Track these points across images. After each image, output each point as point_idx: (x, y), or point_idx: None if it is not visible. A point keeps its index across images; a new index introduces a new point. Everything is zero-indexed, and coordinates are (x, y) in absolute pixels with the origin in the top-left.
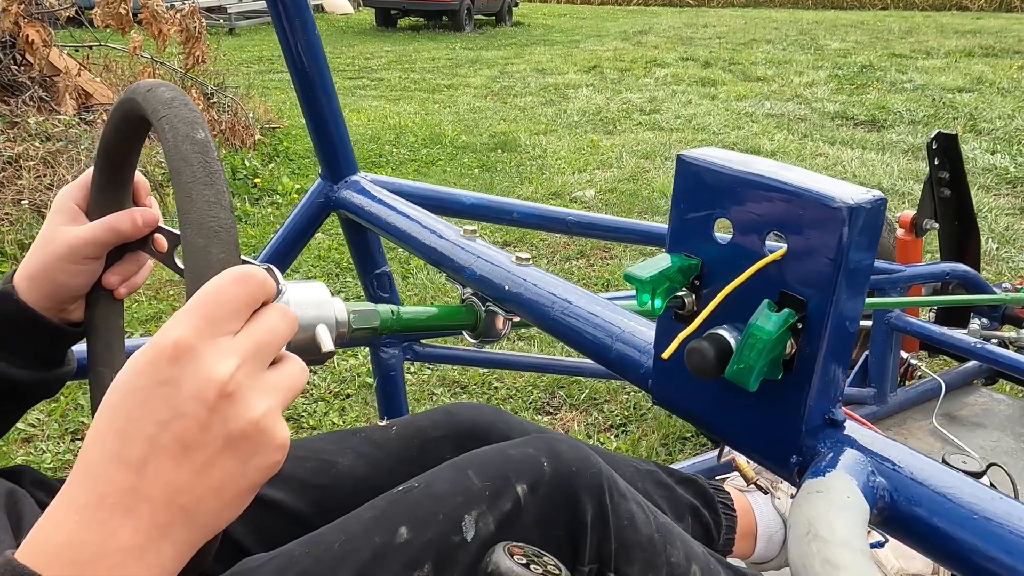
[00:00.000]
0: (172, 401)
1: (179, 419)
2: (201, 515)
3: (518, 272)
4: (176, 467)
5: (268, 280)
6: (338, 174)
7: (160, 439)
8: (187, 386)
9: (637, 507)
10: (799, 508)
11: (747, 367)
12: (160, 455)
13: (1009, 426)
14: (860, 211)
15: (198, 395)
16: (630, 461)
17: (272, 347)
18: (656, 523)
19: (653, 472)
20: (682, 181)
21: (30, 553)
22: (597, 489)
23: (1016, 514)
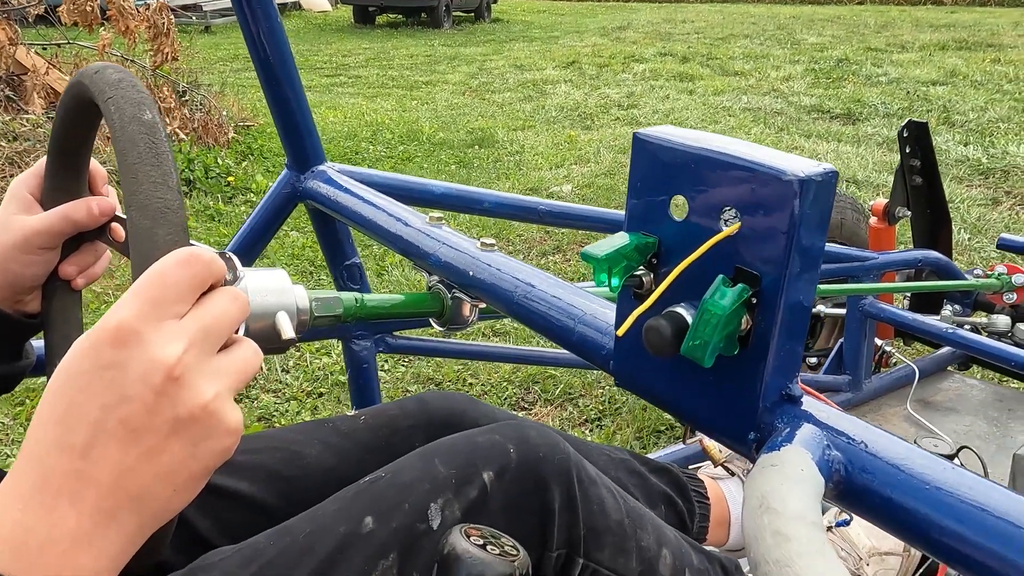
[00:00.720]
0: (117, 385)
1: (125, 403)
2: (150, 500)
3: (483, 258)
4: (123, 451)
5: (216, 262)
6: (304, 164)
7: (105, 423)
8: (132, 369)
9: (607, 492)
10: (753, 481)
11: (702, 343)
12: (106, 439)
13: (982, 410)
14: (811, 184)
15: (144, 378)
16: (603, 449)
17: (221, 330)
18: (626, 508)
19: (626, 461)
20: (638, 160)
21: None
22: (565, 475)
23: (966, 483)
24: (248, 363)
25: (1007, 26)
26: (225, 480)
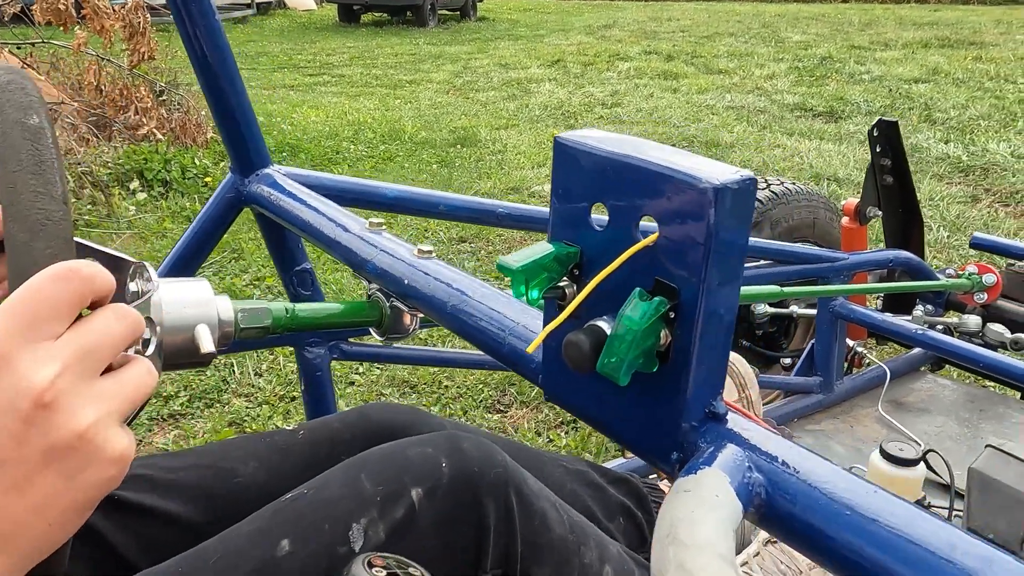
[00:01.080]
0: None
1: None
2: (21, 538)
3: (418, 265)
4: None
5: (98, 277)
6: (248, 167)
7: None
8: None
9: (550, 506)
10: (665, 508)
11: (618, 360)
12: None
13: (954, 411)
14: (726, 192)
15: (10, 406)
16: (560, 460)
17: (103, 351)
18: (570, 522)
19: (583, 472)
20: (559, 165)
21: None
22: (501, 489)
23: (891, 509)
24: (139, 385)
25: (989, 24)
26: (153, 500)
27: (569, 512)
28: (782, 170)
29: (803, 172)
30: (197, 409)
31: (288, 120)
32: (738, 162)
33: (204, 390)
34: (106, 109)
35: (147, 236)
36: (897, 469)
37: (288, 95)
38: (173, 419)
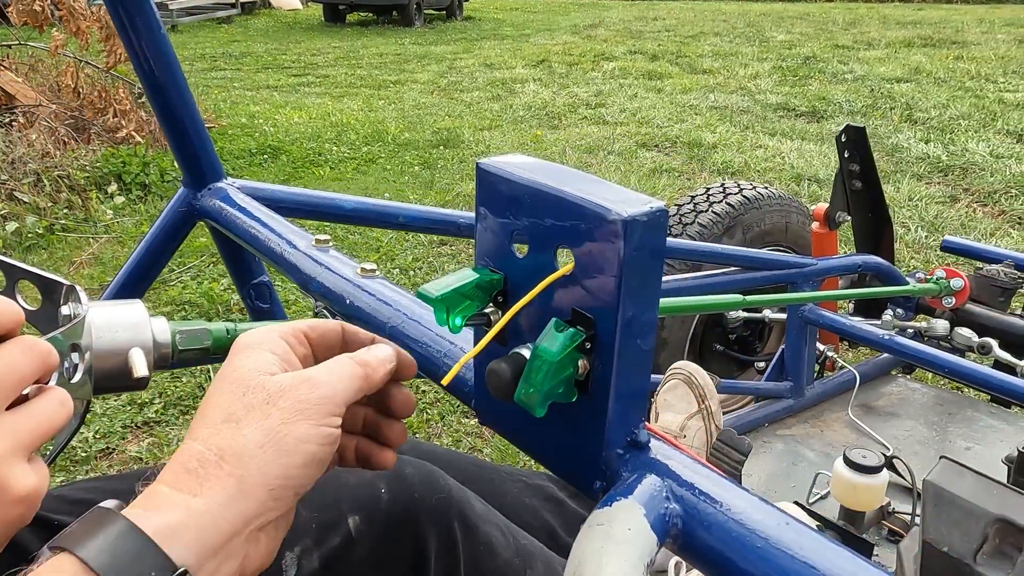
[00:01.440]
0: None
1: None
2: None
3: (361, 284)
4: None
5: (3, 310)
6: (201, 181)
7: None
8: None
9: (495, 529)
10: (577, 545)
11: (535, 391)
12: None
13: (923, 414)
14: (636, 225)
15: None
16: (519, 475)
17: (5, 387)
18: (516, 546)
19: (543, 487)
20: (482, 190)
21: None
22: (444, 515)
23: (799, 540)
24: (47, 417)
25: (972, 23)
26: None
27: (516, 534)
28: (764, 171)
29: (784, 172)
30: (172, 416)
31: (271, 121)
32: (720, 162)
33: (179, 396)
34: (84, 111)
35: (125, 240)
36: (860, 476)
37: (271, 96)
38: (147, 427)
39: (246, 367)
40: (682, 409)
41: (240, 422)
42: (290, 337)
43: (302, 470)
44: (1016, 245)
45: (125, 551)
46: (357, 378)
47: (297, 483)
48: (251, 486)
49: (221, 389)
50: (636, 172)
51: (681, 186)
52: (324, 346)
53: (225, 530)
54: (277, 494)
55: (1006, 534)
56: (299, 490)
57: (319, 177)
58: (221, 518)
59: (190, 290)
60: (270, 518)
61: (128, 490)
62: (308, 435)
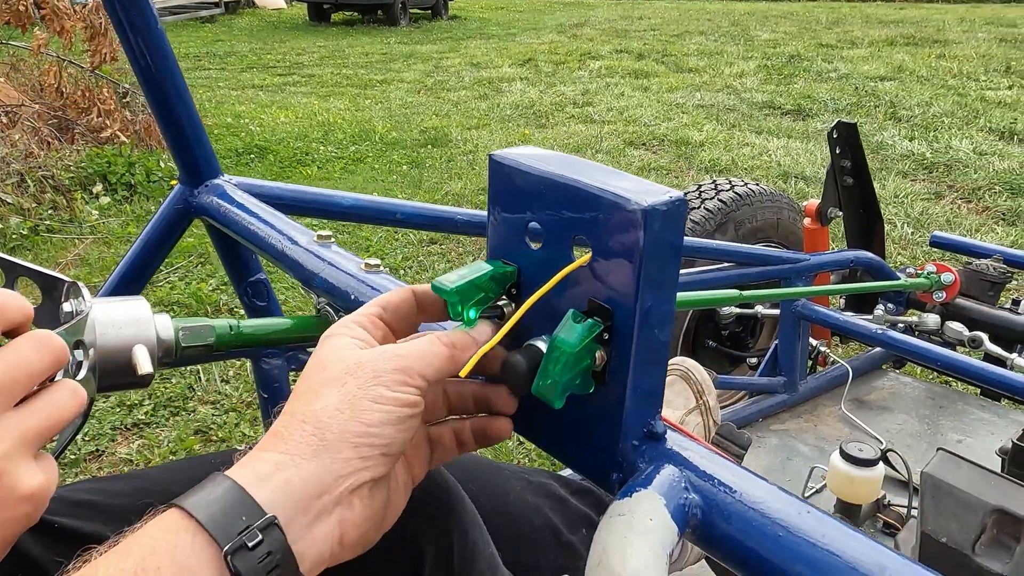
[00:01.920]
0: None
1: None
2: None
3: (366, 279)
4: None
5: (9, 305)
6: (198, 178)
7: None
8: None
9: (480, 536)
10: (598, 535)
11: (553, 382)
12: None
13: (914, 408)
14: (656, 214)
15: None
16: (521, 472)
17: (15, 382)
18: (488, 555)
19: (546, 484)
20: (495, 183)
21: None
22: (442, 519)
23: (820, 529)
24: (56, 410)
25: (953, 22)
26: (99, 528)
27: (489, 543)
28: (750, 168)
29: (771, 170)
30: (162, 418)
31: (257, 121)
32: (708, 160)
33: (169, 398)
34: (68, 111)
35: (111, 241)
36: (857, 469)
37: (257, 95)
38: (137, 428)
39: (326, 350)
40: (680, 405)
41: (318, 392)
42: (365, 322)
43: (382, 428)
44: (1001, 240)
45: (220, 498)
46: (441, 356)
47: (381, 442)
48: (332, 442)
49: (306, 374)
50: (624, 170)
51: (669, 184)
52: (399, 318)
53: (313, 483)
54: (362, 452)
55: (1004, 524)
56: (386, 450)
57: (307, 177)
58: (307, 471)
59: (178, 291)
60: (362, 479)
61: (131, 491)
62: (383, 396)
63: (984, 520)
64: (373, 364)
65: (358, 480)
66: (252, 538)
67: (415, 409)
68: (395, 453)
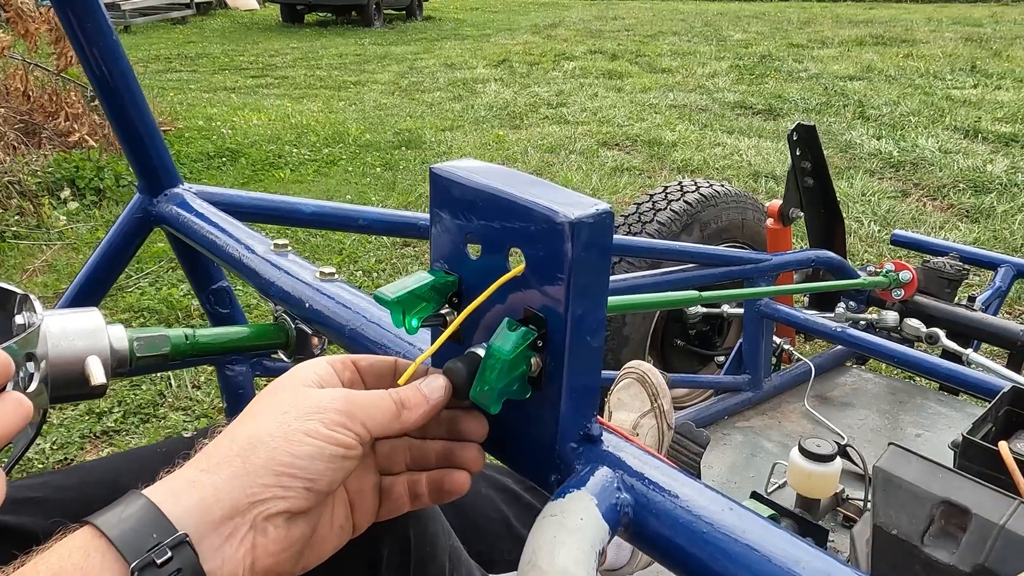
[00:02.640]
0: None
1: None
2: None
3: (320, 287)
4: None
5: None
6: (157, 187)
7: None
8: None
9: (440, 529)
10: (531, 535)
11: (489, 388)
12: None
13: (876, 403)
14: (582, 226)
15: None
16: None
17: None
18: (451, 548)
19: (499, 479)
20: (436, 195)
21: None
22: (400, 521)
23: (742, 525)
24: (2, 421)
25: (920, 21)
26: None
27: (450, 535)
28: (722, 168)
29: (742, 170)
30: (132, 425)
31: (229, 124)
32: (680, 160)
33: (139, 404)
34: (35, 115)
35: (79, 247)
36: (814, 465)
37: (229, 98)
38: (107, 436)
39: (286, 378)
40: (635, 408)
41: (258, 415)
42: (337, 363)
43: (310, 462)
44: (964, 237)
45: (132, 515)
46: (387, 412)
47: (307, 475)
48: (255, 466)
49: (259, 396)
50: (598, 171)
51: (642, 184)
52: (374, 374)
53: (225, 503)
54: (283, 481)
55: (951, 515)
56: (311, 485)
57: (279, 180)
58: (222, 490)
59: (148, 296)
60: (278, 507)
61: (76, 484)
62: (317, 431)
63: (932, 512)
64: (318, 400)
65: (274, 508)
66: (161, 555)
67: (349, 451)
68: (321, 490)
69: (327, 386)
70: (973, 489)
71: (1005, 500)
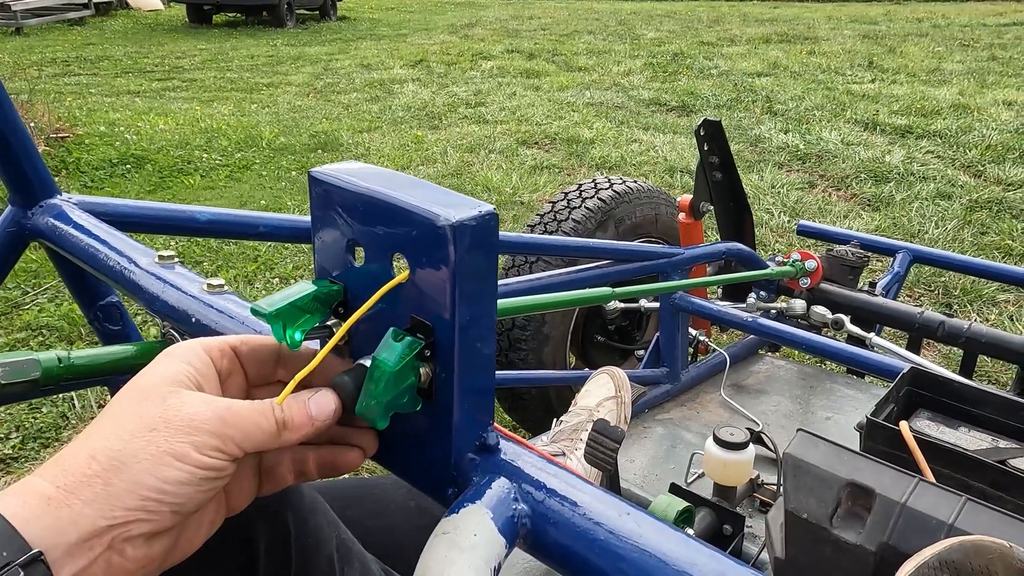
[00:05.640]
0: None
1: None
2: None
3: (208, 300)
4: None
5: None
6: (31, 198)
7: None
8: None
9: (324, 520)
10: (422, 557)
11: (376, 402)
12: None
13: (788, 389)
14: (465, 229)
15: None
16: (401, 481)
17: None
18: (338, 540)
19: None
20: (316, 200)
21: None
22: (276, 506)
23: (640, 530)
24: None
25: (821, 20)
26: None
27: (338, 527)
28: (639, 164)
29: (659, 165)
30: (32, 451)
31: (133, 129)
32: (598, 157)
33: (39, 429)
34: None
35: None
36: (728, 453)
37: (133, 102)
38: (3, 464)
39: (157, 375)
40: (600, 394)
41: (122, 430)
42: (214, 350)
43: (178, 488)
44: (866, 225)
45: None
46: (266, 432)
47: (174, 500)
48: (118, 489)
49: (125, 394)
50: (518, 170)
51: (562, 181)
52: (255, 361)
53: (83, 526)
54: (148, 506)
55: (856, 496)
56: (177, 508)
57: (189, 186)
58: (80, 514)
59: (47, 313)
60: (139, 530)
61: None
62: (188, 456)
63: (839, 494)
64: (190, 416)
65: (135, 531)
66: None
67: (221, 473)
68: (188, 511)
69: (202, 383)
70: (876, 470)
71: (906, 478)
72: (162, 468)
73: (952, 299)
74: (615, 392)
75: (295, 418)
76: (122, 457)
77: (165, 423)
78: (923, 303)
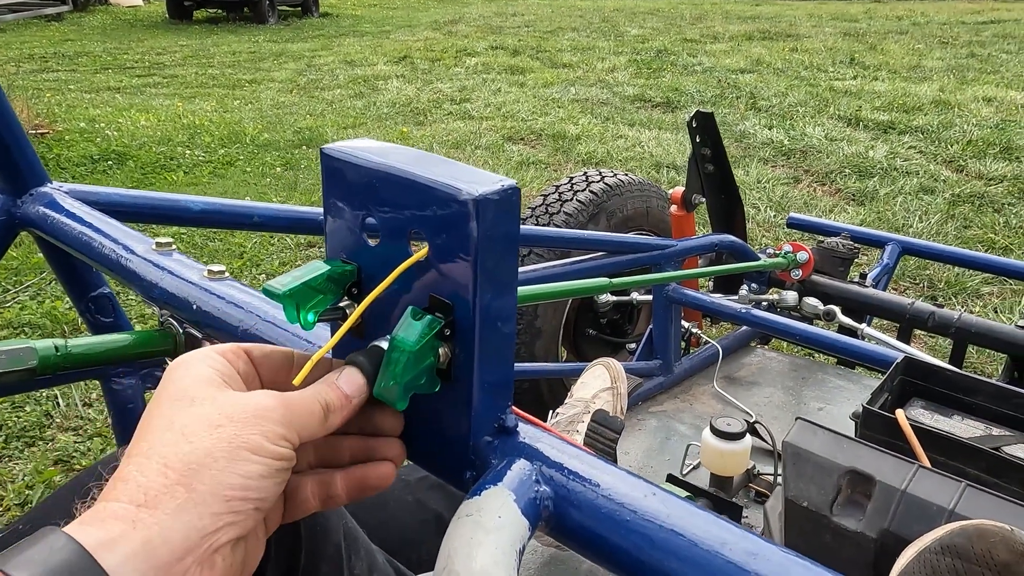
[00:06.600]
0: None
1: None
2: None
3: (209, 287)
4: None
5: None
6: (21, 187)
7: None
8: None
9: (334, 514)
10: (446, 539)
11: (394, 384)
12: None
13: (780, 381)
14: (488, 203)
15: None
16: (400, 475)
17: None
18: (345, 528)
19: (426, 476)
20: (328, 179)
21: None
22: None
23: (666, 509)
24: None
25: (803, 17)
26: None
27: (345, 517)
28: (625, 160)
29: (644, 160)
30: (15, 449)
31: (114, 125)
32: (584, 153)
33: (23, 427)
34: None
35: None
36: (725, 443)
37: (114, 98)
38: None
39: (189, 378)
40: (597, 385)
41: (186, 431)
42: (229, 353)
43: (260, 482)
44: (851, 219)
45: (57, 564)
46: (316, 417)
47: (257, 495)
48: (203, 494)
49: (161, 403)
50: (504, 165)
51: (548, 177)
52: (270, 367)
53: (177, 545)
54: (235, 506)
55: (856, 484)
56: (260, 504)
57: (172, 183)
58: (170, 529)
59: (29, 310)
60: (229, 535)
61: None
62: (263, 447)
63: (839, 482)
64: (253, 408)
65: (226, 537)
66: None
67: (289, 463)
68: (267, 508)
69: (233, 383)
70: (876, 457)
71: (905, 465)
72: (240, 463)
73: (937, 292)
74: (611, 383)
75: (334, 400)
76: (197, 459)
77: (229, 419)
78: (909, 295)
